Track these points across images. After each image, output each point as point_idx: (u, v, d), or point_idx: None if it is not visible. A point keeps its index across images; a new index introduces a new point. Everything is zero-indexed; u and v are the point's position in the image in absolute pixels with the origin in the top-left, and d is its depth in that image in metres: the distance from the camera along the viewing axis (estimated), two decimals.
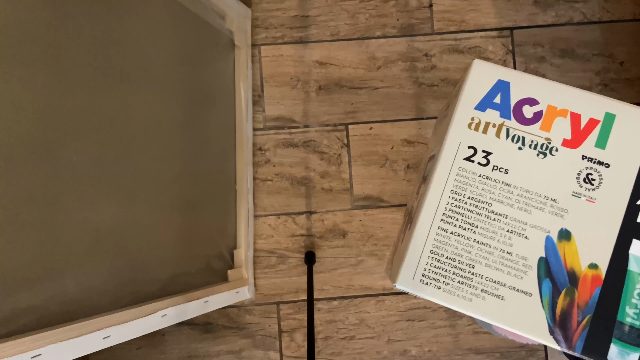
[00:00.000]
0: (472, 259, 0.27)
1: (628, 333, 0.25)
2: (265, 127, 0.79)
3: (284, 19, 0.79)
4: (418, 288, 0.27)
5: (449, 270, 0.27)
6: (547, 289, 0.26)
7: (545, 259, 0.26)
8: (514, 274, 0.26)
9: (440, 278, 0.27)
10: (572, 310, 0.25)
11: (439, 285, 0.27)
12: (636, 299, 0.25)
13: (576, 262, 0.25)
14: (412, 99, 0.79)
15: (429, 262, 0.27)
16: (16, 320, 0.36)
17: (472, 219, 0.27)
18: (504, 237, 0.26)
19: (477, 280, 0.26)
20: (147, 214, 0.53)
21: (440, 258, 0.27)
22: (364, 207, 0.78)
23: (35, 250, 0.38)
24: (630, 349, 0.25)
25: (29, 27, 0.37)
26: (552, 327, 0.26)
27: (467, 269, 0.27)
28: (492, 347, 0.77)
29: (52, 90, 0.39)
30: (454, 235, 0.27)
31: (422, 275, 0.27)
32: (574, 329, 0.25)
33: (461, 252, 0.27)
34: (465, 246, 0.27)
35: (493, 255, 0.26)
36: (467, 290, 0.26)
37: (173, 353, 0.76)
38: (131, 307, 0.49)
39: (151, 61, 0.52)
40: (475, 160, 0.27)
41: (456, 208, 0.27)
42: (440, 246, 0.27)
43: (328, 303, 0.77)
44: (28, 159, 0.37)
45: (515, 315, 0.26)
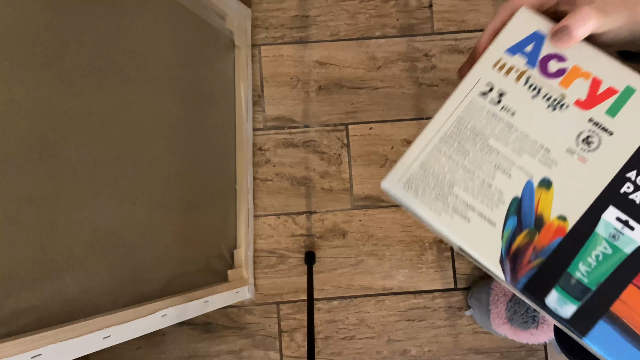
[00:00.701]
0: (454, 181, 0.29)
1: (573, 285, 0.26)
2: (265, 127, 0.79)
3: (284, 19, 0.79)
4: (399, 191, 0.29)
5: (431, 184, 0.29)
6: (511, 224, 0.27)
7: (519, 199, 0.27)
8: (486, 203, 0.28)
9: (420, 188, 0.29)
10: (527, 250, 0.27)
11: (417, 194, 0.29)
12: (592, 259, 0.26)
13: (547, 210, 0.27)
14: (412, 99, 0.79)
15: (416, 173, 0.29)
16: (16, 320, 0.36)
17: (467, 147, 0.29)
18: (489, 170, 0.28)
19: (452, 199, 0.29)
20: (147, 214, 0.53)
21: (427, 172, 0.29)
22: (364, 207, 0.78)
23: (35, 250, 0.38)
24: (569, 299, 0.26)
25: (29, 27, 0.37)
26: (504, 258, 0.27)
27: (446, 188, 0.29)
28: (492, 347, 0.77)
29: (52, 90, 0.39)
30: (445, 156, 0.29)
31: (407, 181, 0.29)
32: (523, 265, 0.27)
33: (447, 172, 0.29)
34: (452, 168, 0.29)
35: (473, 183, 0.28)
36: (440, 206, 0.29)
37: (173, 353, 0.76)
38: (131, 307, 0.49)
39: (151, 61, 0.53)
40: (488, 97, 0.29)
41: (456, 133, 0.29)
42: (430, 162, 0.29)
43: (328, 303, 0.77)
44: (28, 159, 0.37)
45: (475, 237, 0.28)
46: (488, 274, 0.78)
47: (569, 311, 0.26)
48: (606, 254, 0.26)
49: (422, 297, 0.77)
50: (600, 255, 0.26)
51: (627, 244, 0.25)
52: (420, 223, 0.78)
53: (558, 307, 0.26)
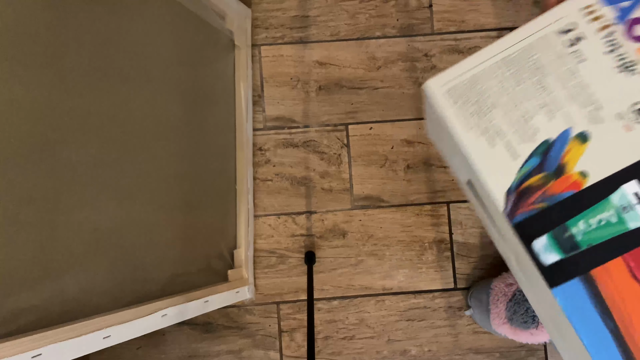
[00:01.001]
0: (496, 104, 0.28)
1: (565, 238, 0.26)
2: (265, 127, 0.79)
3: (284, 19, 0.79)
4: (439, 96, 0.29)
5: (472, 99, 0.29)
6: (532, 163, 0.27)
7: (551, 142, 0.27)
8: (518, 135, 0.28)
9: (460, 100, 0.29)
10: (536, 192, 0.27)
11: (456, 104, 0.29)
12: (594, 221, 0.26)
13: (573, 162, 0.27)
14: (412, 99, 0.79)
15: (464, 84, 0.29)
16: (16, 320, 0.36)
17: (523, 77, 0.28)
18: (534, 106, 0.28)
19: (486, 120, 0.28)
20: (147, 214, 0.53)
21: (474, 86, 0.29)
22: (363, 207, 0.78)
23: (35, 250, 0.38)
24: (556, 249, 0.26)
25: (29, 27, 0.37)
26: (511, 191, 0.27)
27: (486, 108, 0.28)
28: (492, 347, 0.77)
29: (52, 90, 0.39)
30: (499, 78, 0.28)
31: (451, 88, 0.29)
32: (526, 204, 0.27)
33: (493, 94, 0.28)
34: (500, 92, 0.28)
35: (514, 113, 0.28)
36: (473, 122, 0.28)
37: (173, 353, 0.76)
38: (131, 307, 0.49)
39: (151, 61, 0.53)
40: (564, 37, 0.28)
41: (519, 61, 0.28)
42: (482, 78, 0.29)
43: (328, 303, 0.77)
44: (28, 159, 0.37)
45: (492, 163, 0.28)
46: (488, 274, 0.77)
47: (550, 259, 0.26)
48: (610, 222, 0.26)
49: (422, 297, 0.77)
50: (604, 221, 0.26)
51: (634, 219, 0.25)
52: (419, 224, 0.78)
53: (542, 253, 0.27)
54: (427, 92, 0.30)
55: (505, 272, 0.70)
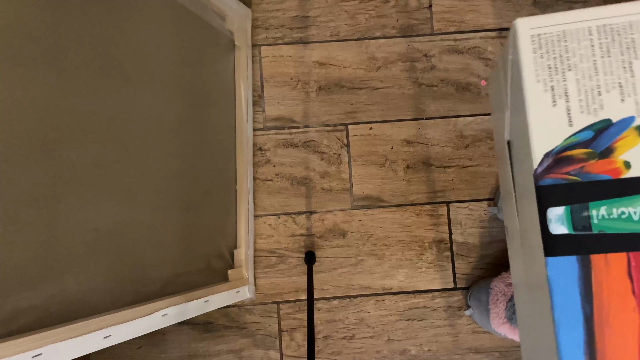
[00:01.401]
0: (574, 66, 0.28)
1: (581, 217, 0.26)
2: (266, 127, 0.79)
3: (284, 19, 0.79)
4: (523, 37, 0.28)
5: (554, 53, 0.28)
6: (583, 136, 0.27)
7: (611, 124, 0.27)
8: (582, 104, 0.27)
9: (542, 49, 0.28)
10: (575, 164, 0.27)
11: (535, 51, 0.28)
12: (617, 212, 0.26)
13: (622, 149, 0.26)
14: (411, 99, 0.79)
15: (552, 35, 0.28)
16: (17, 319, 0.37)
17: (614, 51, 0.28)
18: (612, 82, 0.27)
19: (558, 79, 0.28)
20: (148, 214, 0.53)
21: (561, 41, 0.28)
22: (363, 207, 0.78)
23: (36, 250, 0.38)
24: (568, 224, 0.26)
25: (29, 27, 0.37)
26: (551, 154, 0.27)
27: (563, 67, 0.28)
28: (492, 347, 0.77)
29: (52, 90, 0.39)
30: (590, 42, 0.28)
31: (538, 34, 0.28)
32: (559, 172, 0.27)
33: (576, 55, 0.28)
34: (584, 56, 0.28)
35: (589, 82, 0.27)
36: (545, 76, 0.28)
37: (173, 352, 0.76)
38: (132, 307, 0.49)
39: (151, 61, 0.53)
40: None
41: (616, 33, 0.28)
42: (573, 36, 0.28)
43: (328, 302, 0.77)
44: (28, 159, 0.37)
45: (545, 120, 0.27)
46: (487, 274, 0.77)
47: (557, 230, 0.27)
48: (631, 218, 0.26)
49: (422, 297, 0.77)
50: (626, 215, 0.26)
51: None
52: (418, 224, 0.78)
53: (552, 221, 0.27)
54: (514, 29, 0.29)
55: (505, 272, 0.70)
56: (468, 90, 0.79)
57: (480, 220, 0.78)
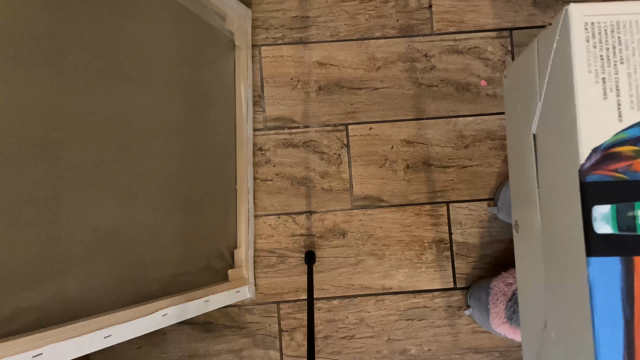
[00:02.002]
0: (628, 60, 0.27)
1: (626, 217, 0.25)
2: (266, 127, 0.79)
3: (284, 19, 0.79)
4: (578, 24, 0.27)
5: (607, 44, 0.27)
6: (634, 133, 0.26)
7: None
8: (633, 100, 0.26)
9: (594, 39, 0.27)
10: (623, 161, 0.26)
11: (588, 41, 0.27)
12: None
13: None
14: (411, 100, 0.79)
15: (606, 24, 0.27)
16: (17, 319, 0.37)
17: None
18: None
19: (610, 71, 0.27)
20: (148, 214, 0.53)
21: (614, 31, 0.27)
22: (363, 207, 0.78)
23: (36, 250, 0.38)
24: (613, 223, 0.26)
25: (30, 27, 0.37)
26: (598, 150, 0.26)
27: (616, 59, 0.27)
28: (492, 347, 0.77)
29: (52, 90, 0.39)
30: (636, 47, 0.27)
31: (592, 22, 0.28)
32: (607, 168, 0.26)
33: (629, 47, 0.27)
34: (636, 50, 0.27)
35: (630, 79, 0.27)
36: (597, 67, 0.27)
37: (174, 352, 0.76)
38: (132, 307, 0.49)
39: (151, 61, 0.53)
40: None
41: None
42: (627, 27, 0.27)
43: (328, 302, 0.77)
44: (29, 159, 0.37)
45: (593, 115, 0.26)
46: (487, 274, 0.77)
47: (601, 229, 0.26)
48: None
49: (422, 297, 0.77)
50: None
51: None
52: (418, 224, 0.78)
53: (596, 220, 0.26)
54: (566, 16, 0.28)
55: (505, 272, 0.70)
56: (468, 90, 0.79)
57: (480, 220, 0.78)
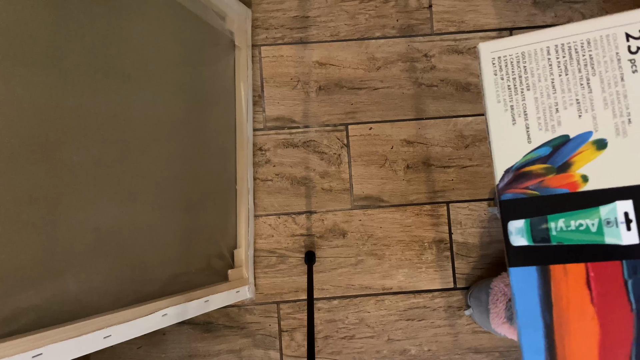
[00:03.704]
0: (533, 86, 0.28)
1: (539, 229, 0.27)
2: (266, 127, 0.79)
3: (284, 19, 0.79)
4: (486, 60, 0.30)
5: (513, 74, 0.29)
6: (541, 152, 0.28)
7: (568, 139, 0.27)
8: (540, 122, 0.28)
9: (502, 71, 0.29)
10: (534, 179, 0.28)
11: (496, 73, 0.29)
12: (574, 224, 0.27)
13: (580, 164, 0.27)
14: (411, 100, 0.79)
15: (512, 57, 0.29)
16: (17, 319, 0.37)
17: (570, 70, 0.28)
18: (569, 99, 0.28)
19: (518, 98, 0.29)
20: (148, 214, 0.53)
21: (520, 62, 0.29)
22: (363, 207, 0.78)
23: (36, 250, 0.38)
24: (527, 236, 0.28)
25: (30, 27, 0.37)
26: (511, 170, 0.28)
27: (522, 87, 0.29)
28: (492, 347, 0.77)
29: (53, 90, 0.39)
30: (548, 62, 0.28)
31: (499, 57, 0.30)
32: (519, 187, 0.28)
33: (534, 74, 0.28)
34: (543, 75, 0.28)
35: (547, 100, 0.28)
36: (505, 96, 0.29)
37: (174, 352, 0.76)
38: (132, 307, 0.49)
39: (152, 61, 0.53)
40: (629, 42, 0.27)
41: (573, 50, 0.28)
42: (531, 57, 0.29)
43: (328, 302, 0.77)
44: (29, 159, 0.37)
45: (505, 139, 0.29)
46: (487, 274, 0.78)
47: (518, 242, 0.28)
48: (589, 229, 0.26)
49: (422, 297, 0.77)
50: (584, 227, 0.26)
51: (612, 235, 0.26)
52: (418, 224, 0.78)
53: (513, 234, 0.28)
54: (478, 54, 0.31)
55: (505, 272, 0.70)
56: (468, 90, 0.79)
57: (480, 220, 0.78)
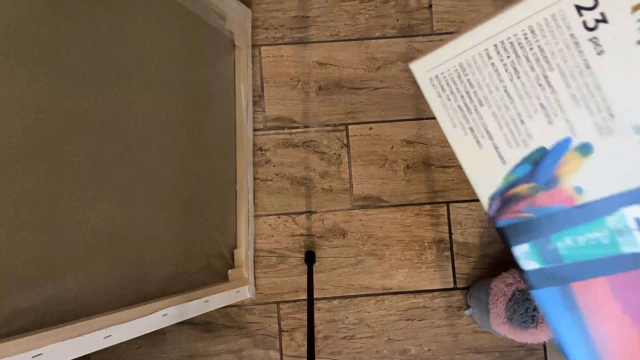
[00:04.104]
0: (486, 100, 0.24)
1: (548, 250, 0.24)
2: (266, 127, 0.79)
3: (284, 19, 0.79)
4: (424, 82, 0.25)
5: (460, 91, 0.25)
6: (521, 171, 0.24)
7: (546, 151, 0.23)
8: (508, 138, 0.24)
9: (447, 90, 0.25)
10: (523, 201, 0.24)
11: (441, 95, 0.25)
12: (583, 239, 0.23)
13: (568, 175, 0.23)
14: (411, 99, 0.79)
15: (451, 72, 0.25)
16: (17, 320, 0.37)
17: (521, 68, 0.23)
18: (532, 105, 0.23)
19: (474, 118, 0.24)
20: (148, 214, 0.53)
21: (462, 76, 0.24)
22: (363, 207, 0.78)
23: (36, 250, 0.38)
24: (537, 259, 0.25)
25: (30, 27, 0.37)
26: (497, 196, 0.25)
27: (474, 104, 0.24)
28: (491, 347, 0.77)
29: (52, 90, 0.39)
30: (492, 66, 0.24)
31: (436, 76, 0.25)
32: (511, 211, 0.25)
33: (482, 86, 0.24)
34: (492, 84, 0.24)
35: (506, 112, 0.23)
36: (458, 118, 0.25)
37: (174, 352, 0.76)
38: (132, 307, 0.49)
39: (152, 61, 0.53)
40: (583, 17, 0.21)
41: (518, 45, 0.22)
42: (472, 66, 0.24)
43: (328, 302, 0.77)
44: (29, 159, 0.37)
45: (477, 164, 0.25)
46: (487, 274, 0.77)
47: (530, 266, 0.25)
48: (601, 242, 0.23)
49: (422, 297, 0.77)
50: (594, 240, 0.23)
51: (629, 244, 0.22)
52: (418, 224, 0.78)
53: (522, 258, 0.25)
54: (413, 72, 0.26)
55: (505, 272, 0.70)
56: None
57: (480, 220, 0.78)
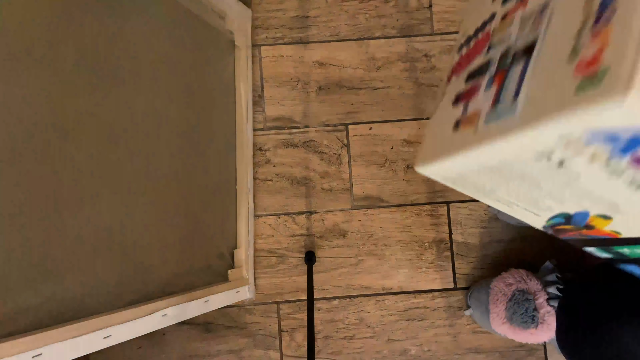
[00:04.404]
0: (497, 190, 0.24)
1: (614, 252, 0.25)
2: (266, 127, 0.79)
3: (284, 19, 0.79)
4: (437, 178, 0.26)
5: (471, 186, 0.26)
6: (557, 220, 0.24)
7: (570, 215, 0.23)
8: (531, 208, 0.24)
9: (459, 183, 0.26)
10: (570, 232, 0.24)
11: (456, 185, 0.26)
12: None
13: (601, 227, 0.22)
14: (411, 99, 0.79)
15: (453, 177, 0.25)
16: (17, 320, 0.37)
17: (513, 182, 0.23)
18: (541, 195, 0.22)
19: (494, 196, 0.25)
20: (148, 214, 0.53)
21: (466, 180, 0.25)
22: (363, 207, 0.78)
23: (36, 250, 0.38)
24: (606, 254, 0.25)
25: (29, 27, 0.37)
26: (546, 228, 0.26)
27: (487, 191, 0.25)
28: (492, 347, 0.77)
29: (52, 90, 0.39)
30: (487, 178, 0.24)
31: (443, 178, 0.26)
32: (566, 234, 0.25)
33: (488, 185, 0.24)
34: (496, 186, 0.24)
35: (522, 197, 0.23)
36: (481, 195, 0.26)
37: (173, 352, 0.76)
38: (132, 307, 0.49)
39: (152, 61, 0.53)
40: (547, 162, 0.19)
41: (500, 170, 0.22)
42: (470, 176, 0.24)
43: (328, 302, 0.77)
44: (28, 159, 0.37)
45: (517, 215, 0.26)
46: (487, 274, 0.77)
47: (603, 255, 0.25)
48: None
49: (422, 297, 0.77)
50: None
51: None
52: (418, 224, 0.78)
53: (594, 253, 0.25)
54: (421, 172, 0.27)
55: (504, 272, 0.70)
56: None
57: (480, 221, 0.78)
